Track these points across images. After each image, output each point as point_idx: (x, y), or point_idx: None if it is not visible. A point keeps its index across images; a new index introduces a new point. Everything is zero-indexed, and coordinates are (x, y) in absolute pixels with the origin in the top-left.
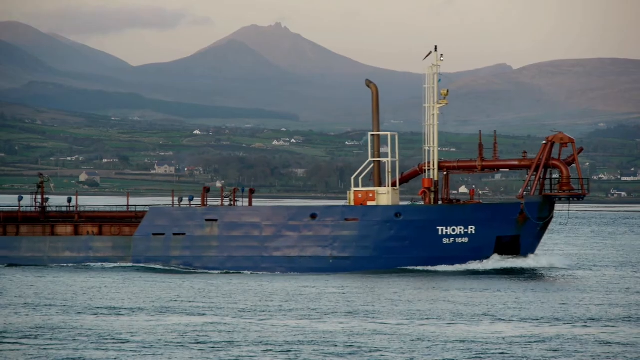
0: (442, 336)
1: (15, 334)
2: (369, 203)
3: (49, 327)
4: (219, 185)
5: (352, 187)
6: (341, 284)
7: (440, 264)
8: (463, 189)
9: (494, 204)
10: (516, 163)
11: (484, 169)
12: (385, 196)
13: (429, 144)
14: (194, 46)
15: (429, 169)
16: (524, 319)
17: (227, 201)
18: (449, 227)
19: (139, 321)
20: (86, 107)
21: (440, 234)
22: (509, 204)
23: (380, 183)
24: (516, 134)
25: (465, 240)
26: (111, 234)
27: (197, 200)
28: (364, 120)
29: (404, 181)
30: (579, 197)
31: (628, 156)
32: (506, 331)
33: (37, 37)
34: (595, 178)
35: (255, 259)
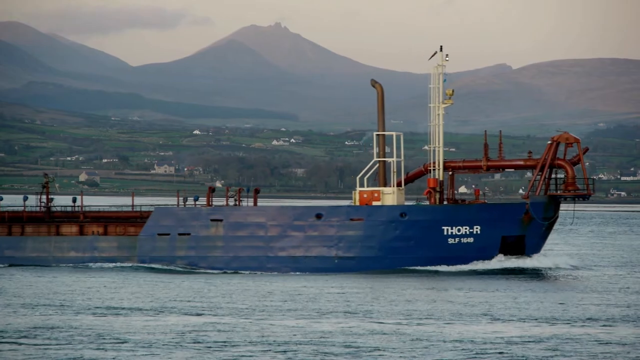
0: (440, 336)
1: (14, 334)
2: (374, 203)
3: (47, 327)
4: (218, 185)
5: (357, 187)
6: (341, 284)
7: (446, 264)
8: (462, 189)
9: (499, 204)
10: (522, 163)
11: (489, 169)
12: (390, 196)
13: (434, 143)
14: (193, 46)
15: (434, 169)
16: (523, 318)
17: (232, 201)
18: (454, 227)
19: (137, 321)
20: (86, 107)
21: (445, 234)
22: (515, 204)
23: (386, 183)
24: (515, 134)
25: (471, 240)
26: (116, 234)
27: (202, 200)
28: (363, 120)
29: (409, 181)
30: (585, 197)
31: (627, 156)
32: (506, 331)
33: (36, 37)
34: (595, 178)
35: (260, 259)
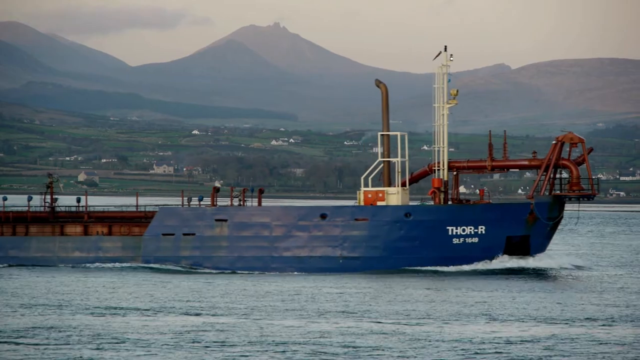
0: (439, 336)
1: (13, 334)
2: (379, 203)
3: (45, 327)
4: (217, 185)
5: (361, 187)
6: (341, 284)
7: (450, 264)
8: (462, 189)
9: (504, 204)
10: (526, 163)
11: (493, 169)
12: (395, 196)
13: (438, 144)
14: (192, 46)
15: (438, 169)
16: (522, 318)
17: (237, 201)
18: (458, 227)
19: (136, 321)
20: (85, 107)
21: (450, 234)
22: (519, 204)
23: (390, 183)
24: (514, 134)
25: (475, 240)
26: (121, 234)
27: (207, 201)
28: (362, 120)
29: (413, 181)
30: (589, 197)
31: (626, 156)
32: (504, 331)
33: (36, 37)
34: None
35: (265, 259)
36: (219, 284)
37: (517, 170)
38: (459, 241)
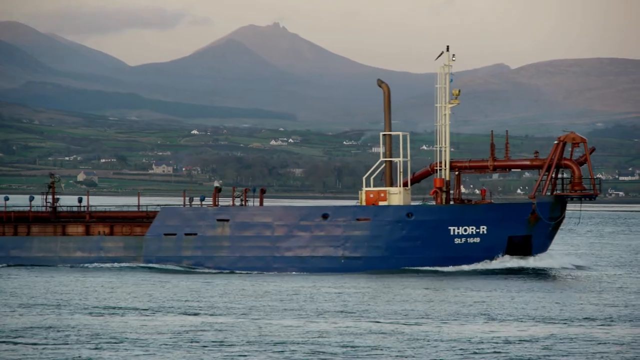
0: (438, 336)
1: (11, 334)
2: (381, 203)
3: (43, 327)
4: (216, 184)
5: (363, 187)
6: (339, 284)
7: (452, 264)
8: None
9: (506, 204)
10: (528, 163)
11: (495, 169)
12: (396, 196)
13: (440, 143)
14: (192, 46)
15: (440, 169)
16: (520, 318)
17: (239, 201)
18: (460, 227)
19: (134, 320)
20: (84, 107)
21: (452, 234)
22: (521, 204)
23: (392, 183)
24: (514, 133)
25: (477, 240)
26: (122, 234)
27: (208, 201)
28: (361, 120)
29: (415, 181)
30: (591, 197)
31: (625, 156)
32: (503, 331)
33: (35, 37)
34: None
35: (266, 259)
36: (217, 283)
37: (519, 170)
38: (461, 241)
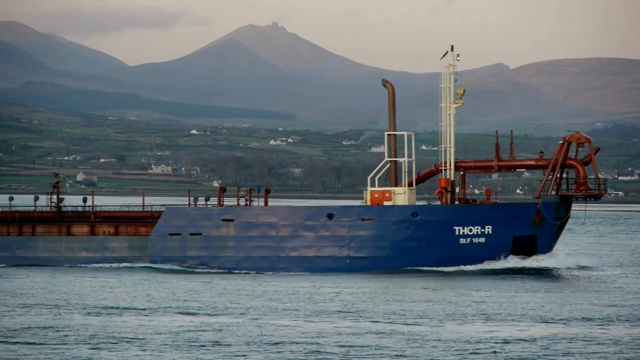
0: (437, 335)
1: (10, 334)
2: (386, 203)
3: (42, 327)
4: (216, 184)
5: (368, 187)
6: (338, 284)
7: (457, 264)
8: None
9: (511, 203)
10: (533, 163)
11: (500, 168)
12: (401, 196)
13: (445, 143)
14: (191, 46)
15: (445, 169)
16: (519, 318)
17: (243, 201)
18: (465, 227)
19: (133, 320)
20: (83, 106)
21: (457, 234)
22: (526, 204)
23: (397, 183)
24: (514, 133)
25: (482, 240)
26: (127, 234)
27: (213, 201)
28: (360, 120)
29: (420, 181)
30: (596, 197)
31: (625, 155)
32: (502, 331)
33: (35, 37)
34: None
35: (271, 259)
36: (217, 283)
37: (525, 170)
38: (466, 241)
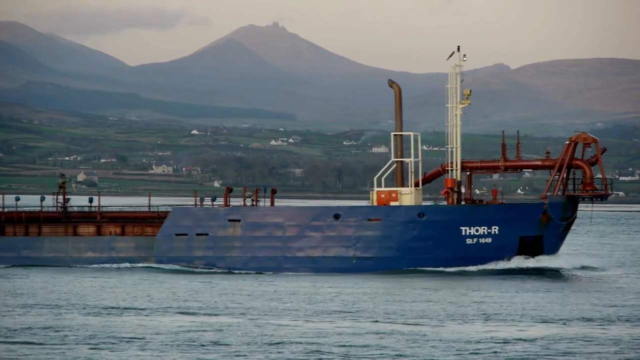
0: (436, 335)
1: (10, 334)
2: (392, 203)
3: (42, 327)
4: (216, 185)
5: (374, 187)
6: (337, 283)
7: (464, 265)
8: (462, 189)
9: (517, 204)
10: (539, 163)
11: (507, 169)
12: (408, 196)
13: (452, 144)
14: (192, 46)
15: (451, 169)
16: (519, 318)
17: (250, 201)
18: (472, 228)
19: (133, 320)
20: (84, 107)
21: (463, 234)
22: (533, 204)
23: (403, 183)
24: (513, 133)
25: (489, 240)
26: (134, 234)
27: (220, 201)
28: (361, 120)
29: (426, 181)
30: (602, 198)
31: (625, 156)
32: (502, 331)
33: (35, 37)
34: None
35: (278, 259)
36: (217, 283)
37: (531, 170)
38: (473, 241)
